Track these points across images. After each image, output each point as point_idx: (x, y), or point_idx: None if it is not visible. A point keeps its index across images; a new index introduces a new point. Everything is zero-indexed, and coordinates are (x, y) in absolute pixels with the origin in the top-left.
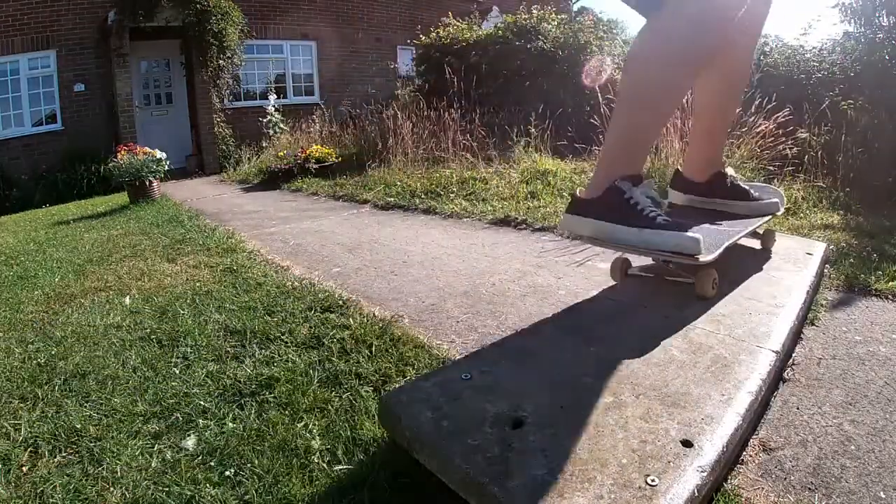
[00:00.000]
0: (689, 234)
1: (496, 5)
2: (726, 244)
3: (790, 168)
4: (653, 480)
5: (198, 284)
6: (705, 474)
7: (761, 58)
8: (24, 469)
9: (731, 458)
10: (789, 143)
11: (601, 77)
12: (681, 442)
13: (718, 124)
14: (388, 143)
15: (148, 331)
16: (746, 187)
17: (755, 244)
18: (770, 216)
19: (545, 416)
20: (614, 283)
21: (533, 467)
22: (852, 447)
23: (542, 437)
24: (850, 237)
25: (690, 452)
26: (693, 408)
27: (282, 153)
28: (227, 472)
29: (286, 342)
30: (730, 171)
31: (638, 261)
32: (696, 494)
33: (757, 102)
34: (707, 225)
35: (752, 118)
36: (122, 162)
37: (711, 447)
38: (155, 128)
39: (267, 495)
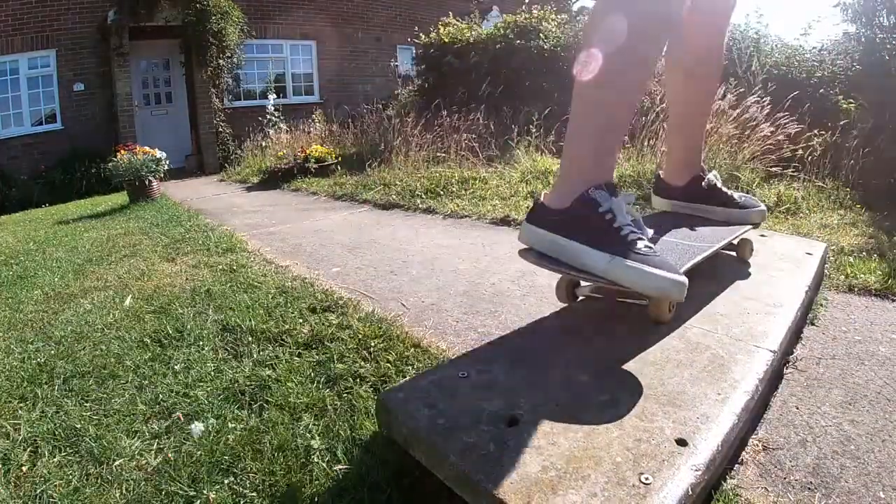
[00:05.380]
0: (673, 276)
1: (496, 5)
2: (693, 262)
3: (791, 168)
4: (647, 478)
5: (197, 284)
6: (700, 473)
7: (761, 58)
8: (24, 469)
9: (727, 458)
10: (789, 143)
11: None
12: (675, 440)
13: (690, 123)
14: (389, 142)
15: (148, 330)
16: (728, 192)
17: (756, 244)
18: (749, 227)
19: (541, 415)
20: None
21: (527, 464)
22: (852, 447)
23: (537, 435)
24: (850, 237)
25: (685, 451)
26: (689, 407)
27: (281, 153)
28: (227, 473)
29: (286, 342)
30: (712, 174)
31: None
32: (691, 493)
33: (757, 102)
34: (679, 240)
35: (753, 118)
36: (121, 161)
37: (706, 446)
38: (155, 127)
39: (267, 495)
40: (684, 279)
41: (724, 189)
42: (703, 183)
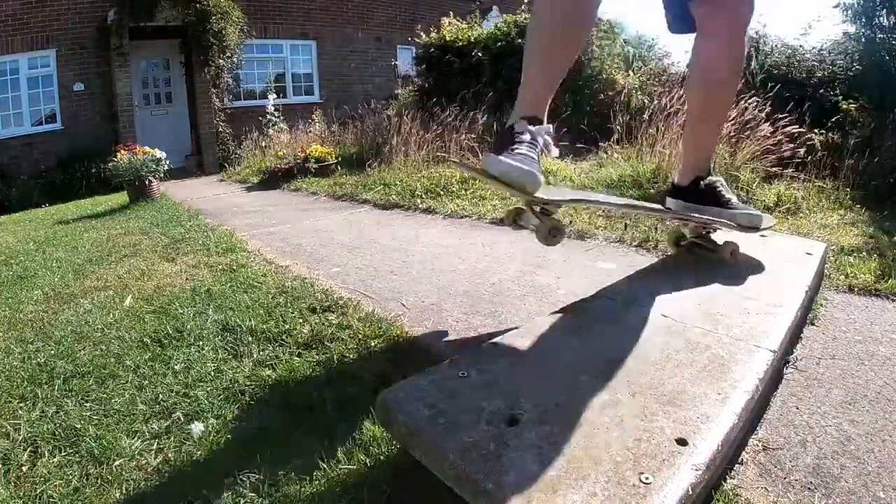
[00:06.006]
0: (522, 167)
1: (496, 5)
2: (574, 197)
3: (791, 168)
4: (647, 478)
5: (197, 284)
6: (700, 472)
7: (761, 58)
8: (24, 469)
9: (727, 457)
10: (789, 142)
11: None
12: (676, 440)
13: (703, 127)
14: (389, 142)
15: (148, 330)
16: (725, 195)
17: (756, 244)
18: (736, 228)
19: (541, 414)
20: (613, 282)
21: (527, 464)
22: (852, 447)
23: (538, 435)
24: (850, 237)
25: (685, 451)
26: (689, 406)
27: (281, 153)
28: (227, 473)
29: (286, 342)
30: (713, 177)
31: None
32: (691, 492)
33: (757, 102)
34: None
35: (753, 118)
36: (121, 161)
37: (706, 446)
38: (155, 127)
39: (267, 495)
40: (536, 173)
41: (724, 192)
42: (701, 183)
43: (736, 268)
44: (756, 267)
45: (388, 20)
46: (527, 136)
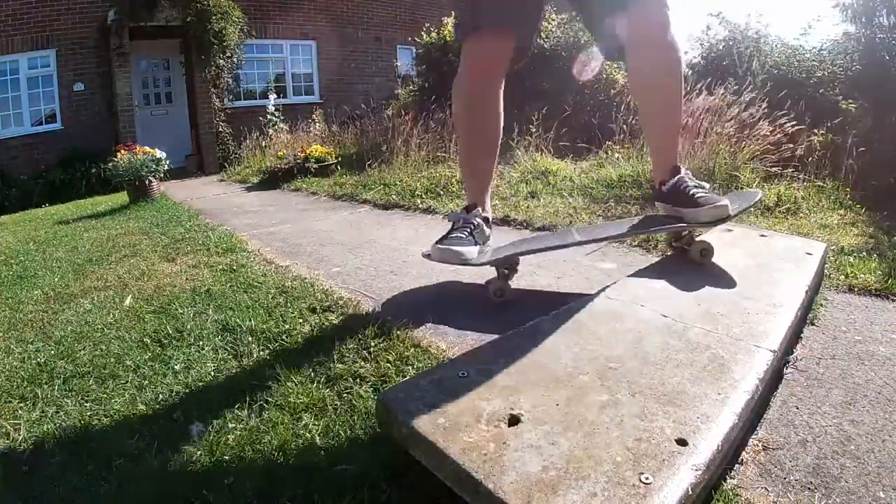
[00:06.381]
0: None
1: None
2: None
3: (791, 168)
4: (647, 478)
5: (197, 284)
6: (700, 472)
7: (761, 58)
8: (24, 469)
9: (727, 458)
10: (789, 142)
11: (593, 72)
12: (676, 440)
13: (648, 131)
14: (389, 142)
15: (148, 330)
16: (690, 192)
17: (756, 244)
18: (700, 227)
19: (541, 414)
20: (613, 282)
21: (527, 464)
22: (852, 447)
23: (538, 435)
24: (850, 237)
25: (685, 451)
26: (689, 406)
27: (281, 153)
28: (228, 473)
29: (285, 342)
30: (678, 177)
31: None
32: (691, 493)
33: (756, 101)
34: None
35: (752, 118)
36: (121, 161)
37: (706, 446)
38: (155, 127)
39: (267, 496)
40: (456, 249)
41: (689, 188)
42: (663, 188)
43: (736, 268)
44: (756, 267)
45: (388, 20)
46: (459, 223)
